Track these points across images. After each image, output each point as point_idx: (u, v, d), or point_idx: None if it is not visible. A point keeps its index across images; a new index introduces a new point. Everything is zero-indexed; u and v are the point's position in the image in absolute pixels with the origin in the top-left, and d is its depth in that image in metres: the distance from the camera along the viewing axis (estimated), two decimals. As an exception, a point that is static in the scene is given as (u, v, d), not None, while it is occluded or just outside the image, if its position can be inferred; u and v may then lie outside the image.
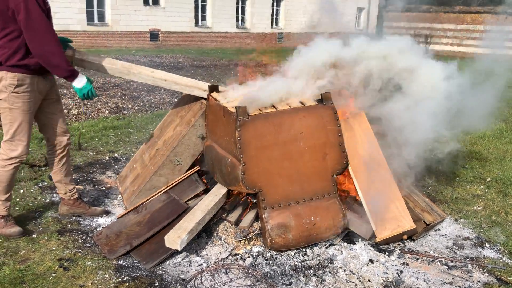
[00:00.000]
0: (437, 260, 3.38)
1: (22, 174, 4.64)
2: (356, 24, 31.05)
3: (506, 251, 3.56)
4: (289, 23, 27.28)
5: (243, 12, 25.44)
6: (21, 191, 4.26)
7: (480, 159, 5.88)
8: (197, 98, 3.87)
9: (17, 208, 3.90)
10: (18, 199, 4.08)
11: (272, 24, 26.95)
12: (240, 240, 3.38)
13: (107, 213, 3.91)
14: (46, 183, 4.48)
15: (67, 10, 18.59)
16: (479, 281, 3.13)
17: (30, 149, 5.44)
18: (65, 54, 3.33)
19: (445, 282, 3.10)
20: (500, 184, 5.00)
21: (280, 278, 3.02)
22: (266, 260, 3.19)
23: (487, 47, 21.79)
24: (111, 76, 8.95)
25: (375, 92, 3.51)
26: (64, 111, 7.52)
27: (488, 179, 5.14)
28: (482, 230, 3.91)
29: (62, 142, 3.57)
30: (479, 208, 4.36)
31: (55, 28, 3.24)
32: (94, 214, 3.83)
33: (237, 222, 3.49)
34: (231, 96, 3.60)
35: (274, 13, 27.05)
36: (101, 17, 20.50)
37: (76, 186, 3.83)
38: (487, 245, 3.65)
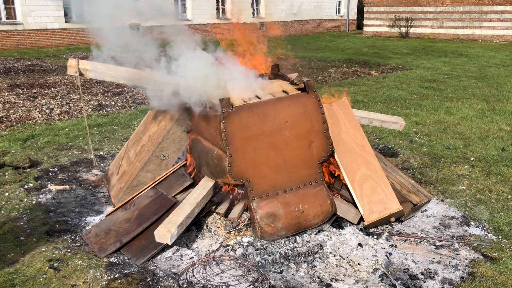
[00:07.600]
0: (425, 240, 3.45)
1: (7, 176, 4.58)
2: (337, 11, 31.05)
3: (491, 228, 3.63)
4: (269, 11, 27.13)
5: (223, 3, 25.23)
6: (6, 194, 4.21)
7: (464, 139, 5.97)
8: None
9: (2, 212, 3.86)
10: (3, 202, 4.04)
11: (253, 14, 26.78)
12: (230, 232, 3.39)
13: None
14: (31, 185, 4.43)
15: (43, 8, 18.16)
16: (466, 259, 3.20)
17: (13, 150, 5.40)
18: (68, 64, 3.31)
19: (433, 261, 3.17)
20: (483, 162, 5.09)
21: (271, 267, 3.04)
22: (257, 249, 3.21)
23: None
24: (117, 83, 8.73)
25: None
26: (47, 111, 7.46)
27: (472, 159, 5.23)
28: (467, 209, 3.99)
29: None
30: (464, 188, 4.44)
31: (32, 27, 3.18)
32: None
33: (226, 214, 3.50)
34: None
35: (255, 2, 26.88)
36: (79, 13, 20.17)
37: None
38: (472, 223, 3.73)
